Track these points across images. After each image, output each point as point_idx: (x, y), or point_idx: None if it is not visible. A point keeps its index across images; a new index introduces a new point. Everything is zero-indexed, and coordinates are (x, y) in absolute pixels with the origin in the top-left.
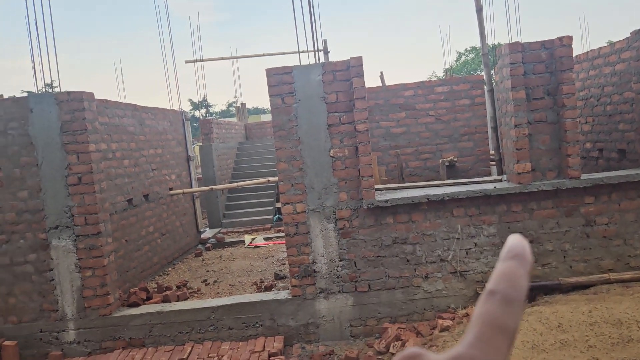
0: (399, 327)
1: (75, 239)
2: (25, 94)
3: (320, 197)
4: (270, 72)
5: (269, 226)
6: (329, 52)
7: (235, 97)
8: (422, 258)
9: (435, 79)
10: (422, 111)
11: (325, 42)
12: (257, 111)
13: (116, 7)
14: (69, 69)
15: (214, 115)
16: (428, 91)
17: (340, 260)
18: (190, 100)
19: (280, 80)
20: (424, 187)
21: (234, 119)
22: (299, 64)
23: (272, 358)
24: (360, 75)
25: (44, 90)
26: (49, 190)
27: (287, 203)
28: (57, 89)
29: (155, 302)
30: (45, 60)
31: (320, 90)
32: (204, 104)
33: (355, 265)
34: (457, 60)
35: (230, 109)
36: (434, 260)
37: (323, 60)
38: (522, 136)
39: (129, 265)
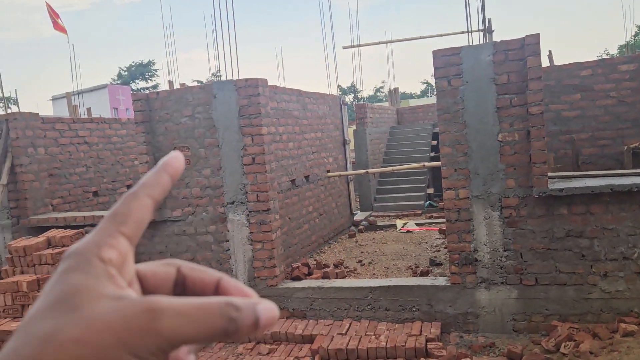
0: (570, 327)
1: (248, 214)
2: (196, 84)
3: (485, 183)
4: (437, 54)
5: (420, 212)
6: (493, 31)
7: (383, 82)
8: (601, 254)
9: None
10: (600, 92)
11: (489, 21)
12: (405, 96)
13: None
14: (231, 59)
15: (361, 100)
16: (610, 70)
17: (505, 251)
18: (339, 86)
19: (447, 62)
20: (604, 176)
21: (384, 104)
22: (467, 44)
23: (430, 343)
24: (537, 53)
25: (211, 79)
26: (227, 168)
27: (450, 188)
28: (222, 78)
29: (316, 278)
30: (214, 52)
31: (490, 71)
32: (352, 89)
33: (522, 257)
34: (636, 35)
35: (378, 94)
36: (615, 257)
37: (491, 41)
38: None
39: (291, 241)
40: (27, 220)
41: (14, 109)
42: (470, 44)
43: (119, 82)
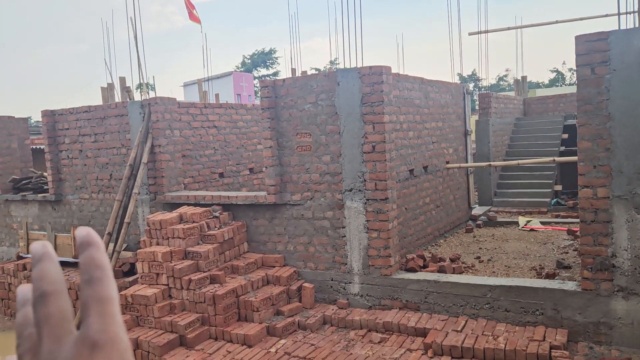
0: None
1: (366, 202)
2: (314, 72)
3: (630, 183)
4: (580, 40)
5: (545, 210)
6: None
7: (507, 70)
8: None
9: None
10: None
11: None
12: (532, 85)
13: None
14: (355, 47)
15: (483, 89)
16: None
17: None
18: (459, 74)
19: (591, 48)
20: None
21: (509, 93)
22: (617, 28)
23: (554, 351)
24: None
25: (329, 67)
26: (347, 156)
27: (587, 186)
28: (339, 66)
29: (432, 271)
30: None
31: None
32: (473, 77)
33: None
34: None
35: (501, 82)
36: None
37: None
38: None
39: (406, 232)
40: (162, 197)
41: (152, 94)
42: (619, 28)
43: (242, 69)
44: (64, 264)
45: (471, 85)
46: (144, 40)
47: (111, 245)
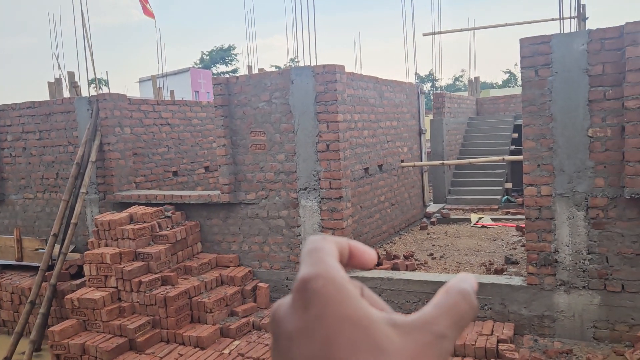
0: None
1: (320, 201)
2: (274, 69)
3: (570, 181)
4: (525, 42)
5: (496, 207)
6: (587, 18)
7: (463, 70)
8: None
9: None
10: None
11: (583, 7)
12: (485, 86)
13: None
14: (309, 45)
15: (439, 89)
16: None
17: (589, 254)
18: (416, 74)
19: (535, 51)
20: None
21: (463, 93)
22: (558, 32)
23: (502, 344)
24: (637, 43)
25: (289, 65)
26: (301, 154)
27: (531, 184)
28: (300, 64)
29: (385, 269)
30: (292, 38)
31: (582, 61)
32: (430, 77)
33: (607, 261)
34: None
35: (457, 82)
36: None
37: (586, 29)
38: None
39: (361, 230)
40: (112, 196)
41: (105, 90)
42: (561, 32)
43: (200, 66)
44: (5, 267)
45: (428, 85)
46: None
47: (57, 247)
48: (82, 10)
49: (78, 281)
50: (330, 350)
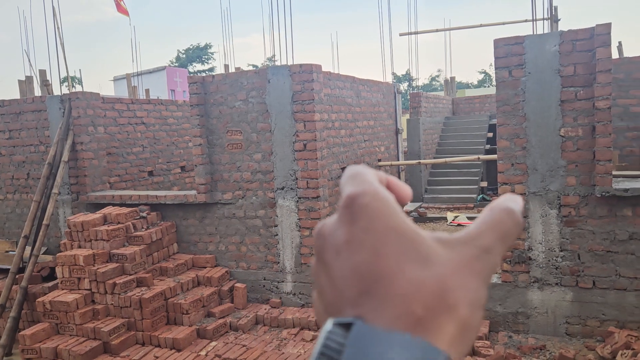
0: (629, 334)
1: (297, 200)
2: (251, 68)
3: (543, 180)
4: (499, 43)
5: (472, 205)
6: (559, 20)
7: (439, 70)
8: None
9: None
10: None
11: (555, 9)
12: (461, 85)
13: None
14: (286, 44)
15: (416, 89)
16: None
17: (561, 251)
18: (393, 73)
19: (508, 52)
20: None
21: (439, 93)
22: (532, 33)
23: (477, 342)
24: (607, 44)
25: (267, 64)
26: (278, 154)
27: (505, 183)
28: (277, 63)
29: None
30: (270, 37)
31: (555, 62)
32: (407, 77)
33: (579, 258)
34: None
35: (434, 82)
36: None
37: (558, 30)
38: None
39: None
40: (85, 197)
41: (78, 88)
42: (534, 33)
43: (177, 64)
44: None
45: (405, 85)
46: (73, 32)
47: (28, 249)
48: (53, 7)
49: (50, 284)
50: (379, 259)
